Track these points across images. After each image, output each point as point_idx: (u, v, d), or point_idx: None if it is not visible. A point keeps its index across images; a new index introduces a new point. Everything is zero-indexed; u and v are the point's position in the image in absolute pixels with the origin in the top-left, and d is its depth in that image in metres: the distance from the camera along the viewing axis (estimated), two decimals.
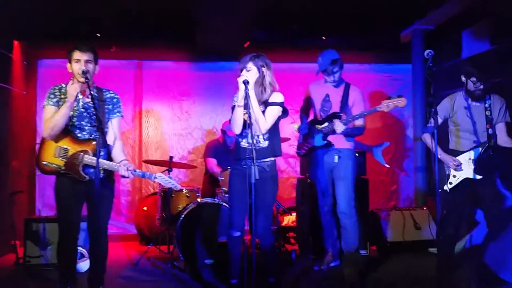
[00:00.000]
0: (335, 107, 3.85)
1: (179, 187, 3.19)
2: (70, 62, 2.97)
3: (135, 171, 2.96)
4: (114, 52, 5.69)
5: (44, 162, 2.92)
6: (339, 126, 3.63)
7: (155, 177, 3.06)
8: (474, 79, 3.28)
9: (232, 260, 3.15)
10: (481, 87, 3.28)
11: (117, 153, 3.06)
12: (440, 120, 3.59)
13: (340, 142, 3.83)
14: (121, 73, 5.90)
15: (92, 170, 2.94)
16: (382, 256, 4.53)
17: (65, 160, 2.92)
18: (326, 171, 3.92)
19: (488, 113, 3.31)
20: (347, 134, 3.76)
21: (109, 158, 3.03)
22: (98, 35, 5.30)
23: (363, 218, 4.32)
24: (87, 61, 2.92)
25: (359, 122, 3.80)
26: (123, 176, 2.94)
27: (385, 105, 3.51)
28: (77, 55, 2.92)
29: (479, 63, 3.36)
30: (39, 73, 5.71)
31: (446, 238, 3.23)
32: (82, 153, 2.91)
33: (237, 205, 3.09)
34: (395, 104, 3.49)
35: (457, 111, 3.45)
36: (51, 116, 2.90)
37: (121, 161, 2.99)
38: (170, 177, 3.13)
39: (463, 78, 3.38)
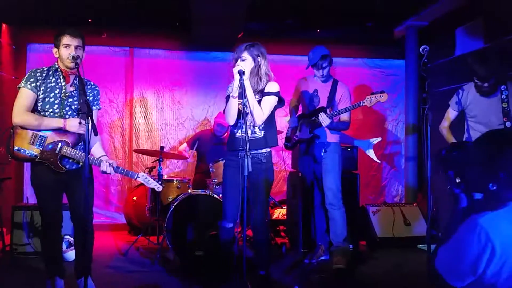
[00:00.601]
0: (323, 102, 3.95)
1: (161, 188, 3.10)
2: (57, 47, 2.86)
3: (117, 168, 2.87)
4: (105, 38, 5.62)
5: (17, 148, 2.74)
6: (325, 120, 3.74)
7: (138, 176, 2.96)
8: (475, 78, 3.26)
9: (225, 250, 3.13)
10: (486, 85, 3.24)
11: (97, 147, 2.97)
12: (455, 113, 3.57)
13: (326, 136, 3.95)
14: (112, 60, 5.82)
15: (70, 161, 2.86)
16: (371, 251, 4.55)
17: (41, 149, 2.78)
18: (314, 165, 4.01)
19: (505, 105, 3.22)
20: (332, 127, 3.88)
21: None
22: (89, 20, 5.20)
23: (353, 213, 4.34)
24: (77, 47, 2.82)
25: (344, 117, 3.93)
26: (104, 172, 2.86)
27: (368, 100, 3.69)
28: (67, 39, 2.81)
29: (480, 60, 3.25)
30: (28, 57, 5.60)
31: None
32: (60, 143, 2.80)
33: (231, 196, 3.05)
34: (377, 99, 3.66)
35: (471, 103, 3.40)
36: (37, 117, 2.78)
37: (100, 157, 2.90)
38: (153, 177, 3.05)
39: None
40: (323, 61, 3.86)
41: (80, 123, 2.78)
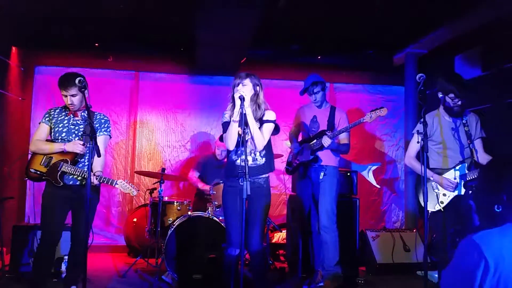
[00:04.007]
0: (323, 126, 4.06)
1: (135, 193, 3.33)
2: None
3: (100, 177, 3.19)
4: (111, 62, 5.74)
5: (32, 170, 3.23)
6: (326, 140, 3.83)
7: (116, 183, 3.25)
8: (452, 95, 3.29)
9: (226, 277, 3.13)
10: (459, 103, 3.30)
11: (96, 165, 3.26)
12: (420, 142, 3.58)
13: (326, 159, 4.00)
14: (118, 83, 5.93)
15: (71, 177, 3.22)
16: (371, 277, 4.52)
17: (47, 168, 3.21)
18: (312, 188, 4.06)
19: (466, 128, 3.35)
20: (333, 149, 3.95)
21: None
22: (96, 44, 5.34)
23: (351, 238, 4.33)
24: (72, 95, 3.17)
25: (344, 140, 4.02)
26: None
27: (368, 116, 3.75)
28: (63, 92, 3.18)
29: (457, 79, 3.37)
30: (35, 79, 5.72)
31: (440, 261, 3.22)
32: (62, 162, 3.21)
33: (234, 223, 3.08)
34: (377, 114, 3.73)
35: (438, 128, 3.44)
36: (45, 143, 3.26)
37: (95, 172, 3.23)
38: (131, 184, 3.30)
39: (440, 95, 3.38)
40: (314, 86, 4.01)
41: (75, 144, 3.16)
